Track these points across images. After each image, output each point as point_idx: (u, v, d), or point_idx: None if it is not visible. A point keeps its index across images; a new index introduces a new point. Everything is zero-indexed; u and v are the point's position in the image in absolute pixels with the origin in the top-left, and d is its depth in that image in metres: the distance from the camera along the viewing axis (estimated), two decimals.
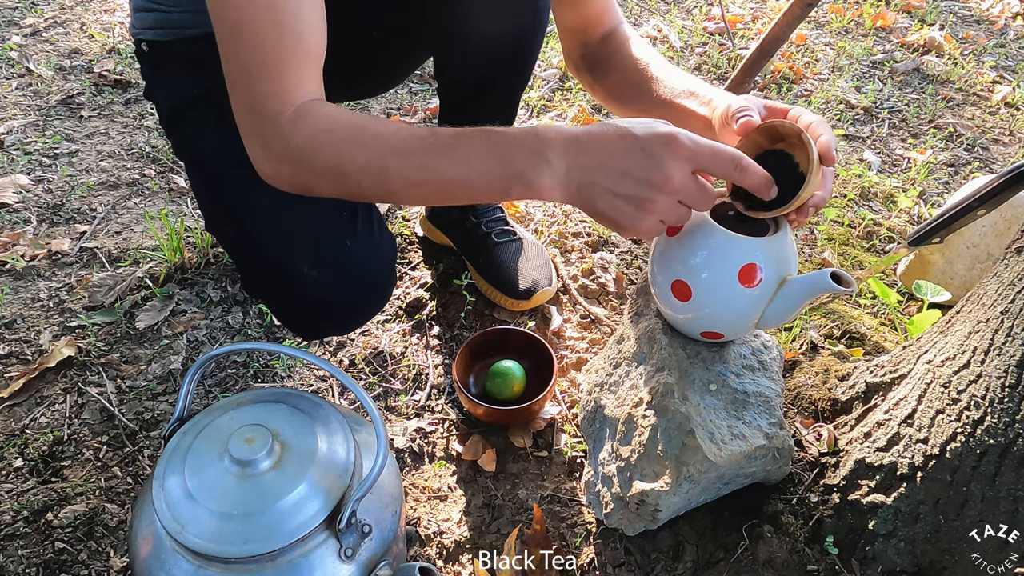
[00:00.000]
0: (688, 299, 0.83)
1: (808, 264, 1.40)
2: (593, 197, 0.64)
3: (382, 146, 0.67)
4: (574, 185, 0.64)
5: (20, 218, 1.43)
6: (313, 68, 0.70)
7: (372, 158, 0.67)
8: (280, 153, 0.68)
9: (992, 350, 0.79)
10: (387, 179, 0.67)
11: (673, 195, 0.63)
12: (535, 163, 0.63)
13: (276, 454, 0.65)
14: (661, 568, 0.87)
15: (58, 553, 0.90)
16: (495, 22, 0.90)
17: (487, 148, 0.65)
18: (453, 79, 1.04)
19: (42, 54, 1.99)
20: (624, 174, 0.62)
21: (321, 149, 0.67)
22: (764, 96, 2.00)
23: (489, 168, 0.65)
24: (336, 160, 0.67)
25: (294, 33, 0.67)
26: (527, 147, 0.64)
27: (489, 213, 1.26)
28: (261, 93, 0.67)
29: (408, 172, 0.66)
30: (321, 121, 0.68)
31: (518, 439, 1.04)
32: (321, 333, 1.09)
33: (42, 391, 1.11)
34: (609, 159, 0.63)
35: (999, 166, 1.78)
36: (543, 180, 0.64)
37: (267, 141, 0.68)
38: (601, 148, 0.63)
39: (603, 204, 0.64)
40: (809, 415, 1.00)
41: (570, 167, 0.63)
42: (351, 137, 0.68)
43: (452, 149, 0.66)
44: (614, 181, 0.62)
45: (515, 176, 0.64)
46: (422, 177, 0.67)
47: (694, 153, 0.62)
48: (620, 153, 0.62)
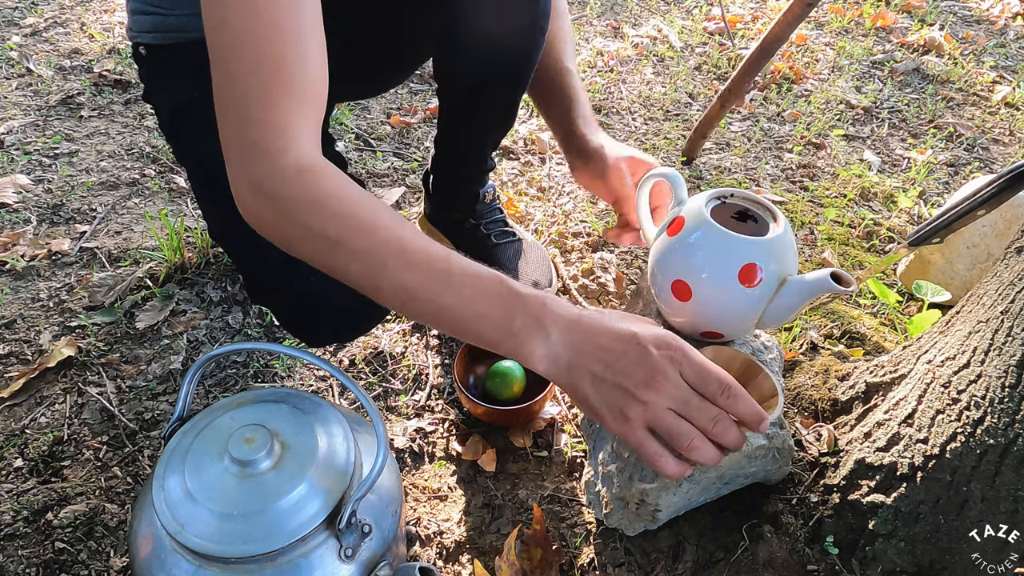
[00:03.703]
0: (688, 299, 0.83)
1: (808, 264, 1.40)
2: (580, 380, 0.61)
3: (391, 243, 0.62)
4: (563, 363, 0.62)
5: (20, 218, 1.43)
6: (316, 113, 0.65)
7: (375, 249, 0.62)
8: (271, 195, 0.62)
9: (992, 350, 0.79)
10: (380, 277, 0.63)
11: (663, 399, 0.59)
12: (535, 330, 0.62)
13: (276, 454, 0.65)
14: (661, 568, 0.87)
15: (58, 553, 0.90)
16: (495, 23, 0.90)
17: (495, 297, 0.63)
18: (452, 80, 1.04)
19: (42, 54, 1.99)
20: (617, 366, 0.60)
21: (322, 213, 0.62)
22: (764, 96, 2.00)
23: (489, 317, 0.63)
24: (335, 233, 0.62)
25: (300, 68, 0.62)
26: (533, 312, 0.62)
27: (489, 214, 1.26)
28: (259, 122, 0.61)
29: (405, 282, 0.63)
30: (330, 183, 0.63)
31: (518, 439, 1.04)
32: (324, 340, 1.09)
33: (42, 391, 1.11)
34: (603, 345, 0.61)
35: (999, 166, 1.78)
36: (536, 348, 0.62)
37: (259, 179, 0.63)
38: (600, 334, 0.61)
39: (589, 389, 0.61)
40: (809, 415, 1.00)
41: (566, 345, 0.62)
42: (360, 217, 0.63)
43: (460, 283, 0.63)
44: (606, 369, 0.60)
45: (511, 335, 0.62)
46: (417, 294, 0.63)
47: (685, 365, 0.60)
48: (618, 346, 0.61)
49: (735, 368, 0.86)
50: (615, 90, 2.00)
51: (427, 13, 0.92)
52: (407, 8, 0.92)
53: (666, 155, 1.73)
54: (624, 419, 0.60)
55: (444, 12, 0.90)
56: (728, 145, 1.79)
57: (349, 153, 1.69)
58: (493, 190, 1.27)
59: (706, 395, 0.60)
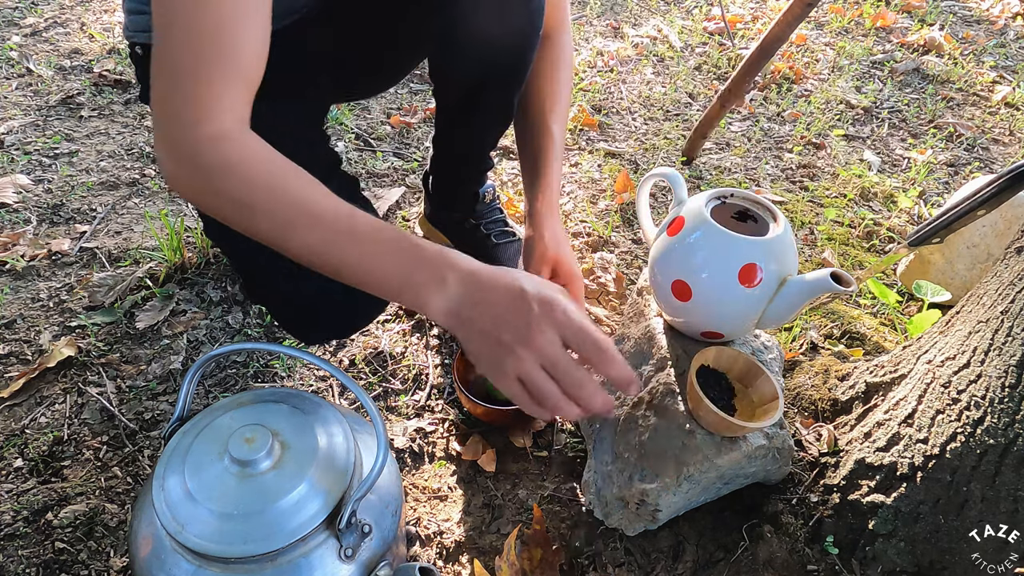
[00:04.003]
0: (688, 299, 0.83)
1: (808, 264, 1.40)
2: (470, 331, 0.65)
3: (299, 203, 0.67)
4: (457, 314, 0.65)
5: (20, 218, 1.43)
6: (244, 90, 0.68)
7: (282, 211, 0.67)
8: (186, 161, 0.67)
9: (992, 350, 0.79)
10: (288, 236, 0.67)
11: (534, 355, 0.62)
12: (434, 282, 0.66)
13: (276, 454, 0.65)
14: (661, 568, 0.87)
15: (58, 553, 0.90)
16: (492, 24, 0.90)
17: (396, 251, 0.67)
18: (449, 81, 1.04)
19: (42, 54, 1.99)
20: (501, 320, 0.64)
21: (233, 178, 0.66)
22: (764, 96, 2.00)
23: (390, 270, 0.67)
24: (247, 196, 0.66)
25: (232, 46, 0.65)
26: (433, 265, 0.66)
27: (489, 214, 1.26)
28: (183, 95, 0.65)
29: (312, 239, 0.67)
30: (245, 151, 0.67)
31: (518, 439, 1.04)
32: (321, 338, 1.09)
33: (42, 391, 1.10)
34: (494, 301, 0.65)
35: (999, 166, 1.78)
36: (434, 300, 0.66)
37: (176, 144, 0.67)
38: (493, 290, 0.65)
39: (476, 341, 0.65)
40: (809, 415, 1.00)
41: (462, 297, 0.65)
42: (270, 181, 0.67)
43: (365, 237, 0.67)
44: (491, 323, 0.64)
45: (410, 286, 0.66)
46: (322, 249, 0.67)
47: (563, 324, 0.63)
48: (503, 298, 0.64)
49: (736, 369, 0.86)
50: (615, 90, 2.00)
51: (424, 15, 0.92)
52: (404, 11, 0.92)
53: (666, 155, 1.73)
54: (501, 371, 0.64)
55: (441, 15, 0.90)
56: (728, 145, 1.79)
57: (349, 153, 1.69)
58: (493, 190, 1.27)
59: (581, 356, 0.63)
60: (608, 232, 1.44)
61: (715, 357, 0.86)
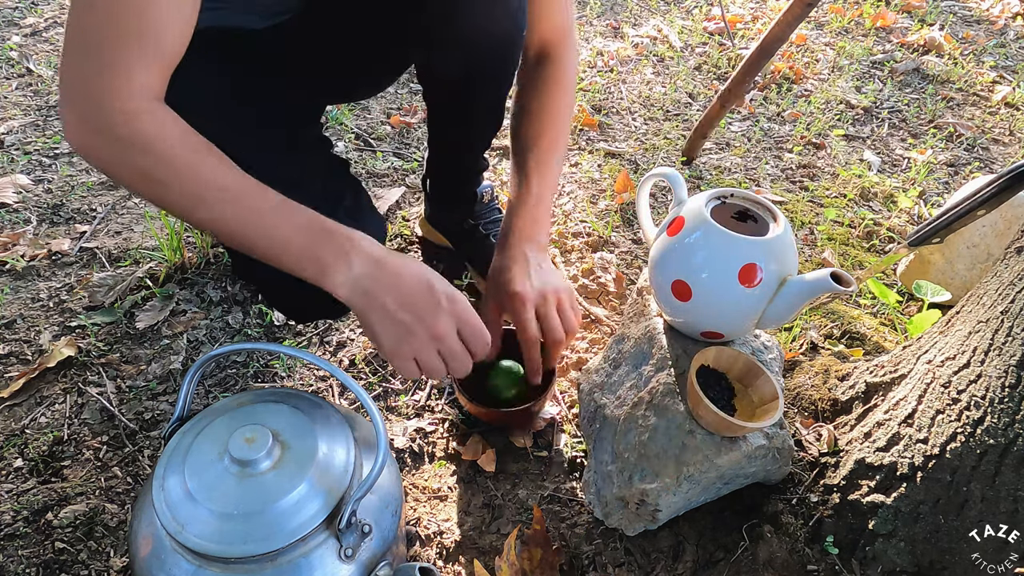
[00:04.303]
0: (688, 299, 0.83)
1: (808, 264, 1.40)
2: (370, 310, 0.70)
3: (209, 182, 0.69)
4: (360, 292, 0.70)
5: (20, 218, 1.43)
6: (163, 67, 0.68)
7: (192, 187, 0.68)
8: (98, 131, 0.67)
9: (992, 350, 0.79)
10: (196, 209, 0.69)
11: (434, 341, 0.71)
12: (337, 259, 0.70)
13: (276, 454, 0.65)
14: (661, 568, 0.87)
15: (58, 553, 0.90)
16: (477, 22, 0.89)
17: (303, 230, 0.70)
18: (437, 82, 1.04)
19: (42, 54, 1.99)
20: (405, 303, 0.70)
21: (149, 154, 0.67)
22: (764, 96, 2.00)
23: (295, 246, 0.70)
24: (161, 171, 0.67)
25: (156, 24, 0.65)
26: (338, 243, 0.70)
27: (488, 214, 1.26)
28: (99, 69, 0.65)
29: (218, 214, 0.69)
30: (161, 127, 0.67)
31: (518, 440, 1.04)
32: (310, 316, 1.11)
33: (42, 391, 1.11)
34: (401, 285, 0.70)
35: (999, 166, 1.78)
36: (336, 276, 0.70)
37: (87, 115, 0.67)
38: (398, 275, 0.71)
39: (376, 320, 0.70)
40: (809, 415, 1.00)
41: (367, 277, 0.70)
42: (185, 157, 0.68)
43: (272, 215, 0.70)
44: (394, 304, 0.70)
45: (313, 260, 0.70)
46: (230, 226, 0.70)
47: (463, 319, 0.73)
48: (411, 286, 0.71)
49: (736, 369, 0.86)
50: (615, 90, 2.00)
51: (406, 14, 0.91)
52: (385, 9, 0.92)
53: (666, 155, 1.73)
54: (398, 349, 0.71)
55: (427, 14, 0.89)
56: (728, 145, 1.79)
57: (349, 153, 1.69)
58: (492, 190, 1.27)
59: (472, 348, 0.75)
60: (608, 232, 1.44)
61: (715, 357, 0.86)
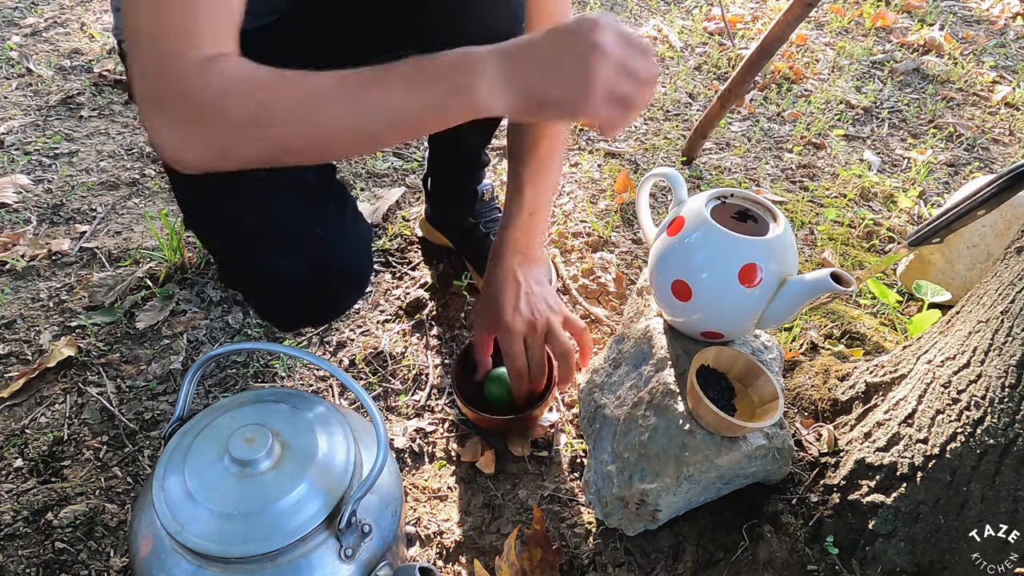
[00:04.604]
0: (688, 299, 0.83)
1: (808, 264, 1.40)
2: (533, 88, 0.64)
3: (310, 84, 0.62)
4: (513, 87, 0.63)
5: (20, 218, 1.43)
6: (233, 26, 0.64)
7: (300, 96, 0.62)
8: (189, 114, 0.62)
9: (992, 350, 0.79)
10: (320, 120, 0.63)
11: (610, 61, 0.62)
12: (472, 76, 0.63)
13: (276, 454, 0.65)
14: (661, 568, 0.87)
15: (58, 553, 0.90)
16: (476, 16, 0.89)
17: (419, 72, 0.64)
18: None
19: (42, 54, 1.99)
20: (557, 57, 0.63)
21: (239, 97, 0.61)
22: (764, 96, 2.00)
23: (427, 89, 0.64)
24: (258, 106, 0.61)
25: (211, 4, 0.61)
26: (459, 64, 0.64)
27: (488, 213, 1.26)
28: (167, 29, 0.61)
29: (341, 107, 0.63)
30: (236, 70, 0.62)
31: (516, 447, 1.03)
32: (298, 324, 1.09)
33: (42, 391, 1.11)
34: (540, 51, 0.64)
35: (999, 166, 1.78)
36: (480, 89, 0.63)
37: (172, 103, 0.62)
38: (529, 45, 0.64)
39: (546, 89, 0.63)
40: (809, 415, 1.00)
41: (505, 72, 0.63)
42: (272, 81, 0.62)
43: (385, 78, 0.63)
44: (550, 66, 0.63)
45: (453, 92, 0.63)
46: (360, 109, 0.63)
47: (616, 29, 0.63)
48: (548, 43, 0.63)
49: (736, 369, 0.86)
50: None
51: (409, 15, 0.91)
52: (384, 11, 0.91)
53: (666, 155, 1.73)
54: (588, 91, 0.62)
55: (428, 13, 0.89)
56: (728, 145, 1.79)
57: None
58: (492, 189, 1.27)
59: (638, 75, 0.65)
60: (608, 232, 1.44)
61: (715, 357, 0.86)
